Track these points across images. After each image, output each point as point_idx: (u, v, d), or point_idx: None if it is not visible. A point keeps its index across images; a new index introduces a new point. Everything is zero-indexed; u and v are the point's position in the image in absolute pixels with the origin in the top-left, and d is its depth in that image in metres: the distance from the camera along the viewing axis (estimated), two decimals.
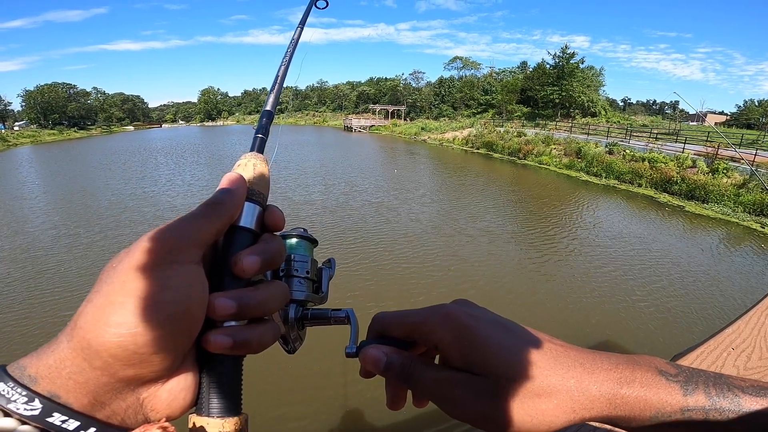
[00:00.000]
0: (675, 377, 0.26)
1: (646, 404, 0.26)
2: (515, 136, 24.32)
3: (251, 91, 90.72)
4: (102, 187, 13.83)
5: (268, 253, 0.27)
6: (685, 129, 26.32)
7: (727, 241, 8.80)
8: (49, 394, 0.20)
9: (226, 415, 0.25)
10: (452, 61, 53.88)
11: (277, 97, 0.39)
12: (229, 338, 0.25)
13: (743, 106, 46.47)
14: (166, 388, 0.24)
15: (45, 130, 52.17)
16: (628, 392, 0.26)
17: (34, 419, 0.20)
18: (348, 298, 5.28)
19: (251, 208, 0.28)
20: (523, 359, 0.27)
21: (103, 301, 0.22)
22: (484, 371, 0.27)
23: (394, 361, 0.30)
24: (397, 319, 0.31)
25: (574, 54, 36.00)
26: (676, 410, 0.25)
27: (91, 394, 0.21)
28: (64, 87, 58.63)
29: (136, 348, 0.21)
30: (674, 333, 4.83)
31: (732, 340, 1.10)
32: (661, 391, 0.26)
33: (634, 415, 0.26)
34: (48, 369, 0.21)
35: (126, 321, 0.21)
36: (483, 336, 0.27)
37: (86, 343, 0.21)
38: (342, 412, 3.52)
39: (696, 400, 0.25)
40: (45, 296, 5.55)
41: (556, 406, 0.26)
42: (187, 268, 0.23)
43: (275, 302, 0.28)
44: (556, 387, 0.26)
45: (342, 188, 13.08)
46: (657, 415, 0.26)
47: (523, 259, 7.17)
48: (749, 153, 14.83)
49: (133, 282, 0.22)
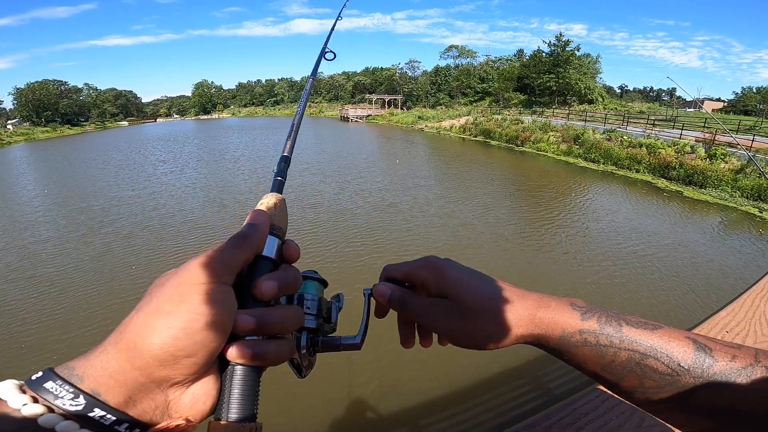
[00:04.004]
0: (580, 308, 0.36)
1: (555, 324, 0.35)
2: (513, 124, 24.20)
3: (246, 84, 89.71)
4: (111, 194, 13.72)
5: (284, 279, 0.32)
6: (683, 115, 26.21)
7: (725, 226, 8.83)
8: (92, 391, 0.24)
9: (244, 420, 0.28)
10: (448, 49, 53.32)
11: (293, 143, 0.43)
12: (249, 349, 0.28)
13: (741, 93, 46.19)
14: (190, 392, 0.28)
15: (38, 127, 51.63)
16: (543, 314, 0.36)
17: (77, 414, 0.23)
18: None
19: (272, 240, 0.33)
20: (475, 289, 0.38)
21: (152, 310, 0.26)
22: (450, 296, 0.38)
23: (394, 293, 0.41)
24: (398, 267, 0.42)
25: (570, 42, 35.73)
26: (575, 331, 0.35)
27: (127, 392, 0.25)
28: (55, 84, 57.76)
29: (174, 350, 0.25)
30: (669, 316, 4.88)
31: (726, 322, 1.10)
32: (566, 315, 0.35)
33: (548, 333, 0.35)
34: (93, 369, 0.25)
35: (170, 326, 0.25)
36: (449, 274, 0.39)
37: (132, 345, 0.25)
38: (347, 403, 3.57)
39: (589, 325, 0.34)
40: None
41: (496, 321, 0.36)
42: (223, 288, 0.28)
43: (290, 322, 0.32)
44: (495, 306, 0.37)
45: (351, 181, 13.01)
46: (563, 335, 0.35)
47: (522, 240, 7.20)
48: (747, 139, 14.80)
49: (180, 296, 0.26)
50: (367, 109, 50.03)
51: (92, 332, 4.68)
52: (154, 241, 7.74)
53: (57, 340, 4.55)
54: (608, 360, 0.34)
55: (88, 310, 5.22)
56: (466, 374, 3.68)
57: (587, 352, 0.34)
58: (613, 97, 45.13)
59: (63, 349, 4.34)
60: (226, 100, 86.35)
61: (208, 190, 12.13)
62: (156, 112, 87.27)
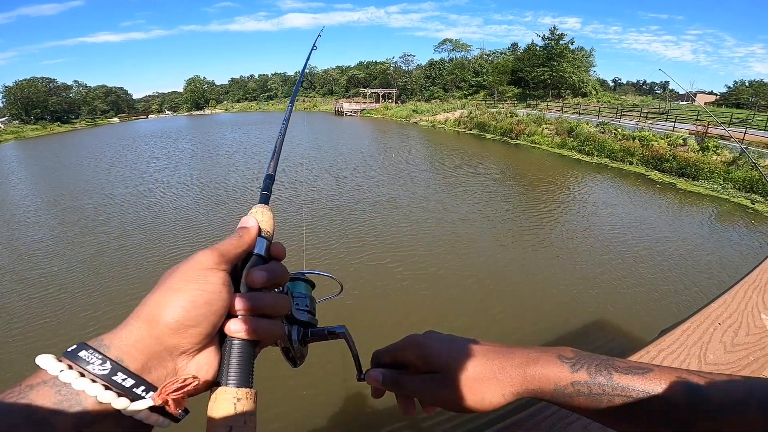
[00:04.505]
0: (569, 360, 0.37)
1: (547, 379, 0.36)
2: (507, 117, 24.19)
3: (238, 79, 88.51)
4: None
5: (273, 272, 0.38)
6: (675, 108, 26.32)
7: (718, 217, 8.92)
8: (116, 358, 0.29)
9: (240, 386, 0.32)
10: (442, 43, 52.98)
11: (277, 162, 0.50)
12: (244, 325, 0.34)
13: (733, 86, 46.36)
14: (195, 361, 0.33)
15: (28, 125, 50.79)
16: (534, 370, 0.37)
17: (103, 377, 0.28)
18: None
19: (261, 241, 0.40)
20: (462, 359, 0.40)
21: (166, 288, 0.32)
22: (438, 369, 0.40)
23: (387, 376, 0.44)
24: (385, 351, 0.45)
25: (564, 35, 35.67)
26: (567, 384, 0.36)
27: (144, 359, 0.30)
28: (43, 81, 56.62)
29: (183, 320, 0.31)
30: (662, 305, 4.94)
31: (719, 314, 1.10)
32: (556, 369, 0.36)
33: (541, 387, 0.37)
34: (119, 339, 0.30)
35: (179, 300, 0.31)
36: (434, 347, 0.42)
37: (150, 316, 0.31)
38: (342, 402, 3.58)
39: (580, 376, 0.36)
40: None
41: (487, 385, 0.38)
42: (221, 274, 0.34)
43: (279, 306, 0.38)
44: (484, 371, 0.38)
45: (348, 176, 12.96)
46: (556, 389, 0.36)
47: (523, 234, 7.23)
48: (739, 131, 14.92)
49: (188, 278, 0.32)
50: (362, 103, 49.72)
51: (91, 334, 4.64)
52: (148, 241, 7.68)
53: (46, 345, 4.51)
54: (604, 406, 0.35)
55: (87, 311, 5.18)
56: None
57: (582, 402, 0.36)
58: (606, 90, 45.19)
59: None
60: (219, 96, 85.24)
61: (202, 187, 11.99)
62: (148, 109, 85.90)
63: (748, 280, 1.30)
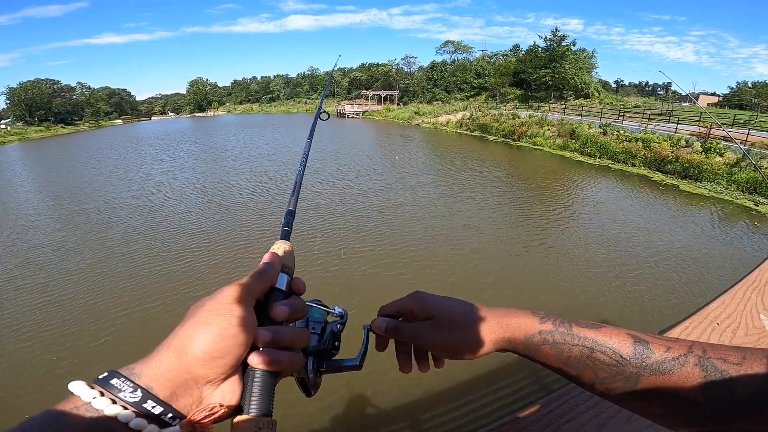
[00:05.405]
0: (538, 314, 0.45)
1: (519, 328, 0.44)
2: (509, 119, 24.17)
3: (241, 81, 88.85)
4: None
5: (294, 306, 0.40)
6: (678, 110, 26.25)
7: (721, 219, 8.88)
8: (147, 386, 0.30)
9: (261, 414, 0.34)
10: (444, 45, 53.10)
11: (297, 197, 0.53)
12: (266, 356, 0.36)
13: (736, 87, 46.10)
14: (219, 390, 0.35)
15: (31, 126, 51.08)
16: (509, 320, 0.45)
17: (134, 404, 0.29)
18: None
19: (283, 276, 0.42)
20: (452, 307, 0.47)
21: (195, 321, 0.34)
22: (434, 316, 0.47)
23: (389, 323, 0.50)
24: (390, 305, 0.52)
25: (566, 37, 35.64)
26: (535, 332, 0.43)
27: (173, 388, 0.31)
28: (47, 83, 56.92)
29: (211, 352, 0.33)
30: (662, 306, 4.93)
31: (717, 314, 1.10)
32: (527, 320, 0.44)
33: (515, 336, 0.44)
34: (149, 368, 0.31)
35: (208, 333, 0.33)
36: (431, 300, 0.49)
37: (181, 347, 0.33)
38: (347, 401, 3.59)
39: (546, 327, 0.43)
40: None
41: (473, 330, 0.45)
42: (247, 309, 0.36)
43: (299, 339, 0.40)
44: (470, 318, 0.46)
45: (353, 180, 12.96)
46: (527, 336, 0.43)
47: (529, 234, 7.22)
48: (742, 133, 14.86)
49: (215, 312, 0.34)
50: (364, 104, 49.81)
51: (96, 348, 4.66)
52: (155, 247, 7.71)
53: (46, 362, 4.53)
54: (566, 356, 0.41)
55: (93, 323, 5.21)
56: (467, 369, 3.71)
57: (548, 350, 0.42)
58: (609, 91, 45.10)
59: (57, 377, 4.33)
60: (222, 98, 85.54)
61: (206, 191, 11.91)
62: (151, 111, 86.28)
63: (747, 281, 1.30)
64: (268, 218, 8.75)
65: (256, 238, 7.56)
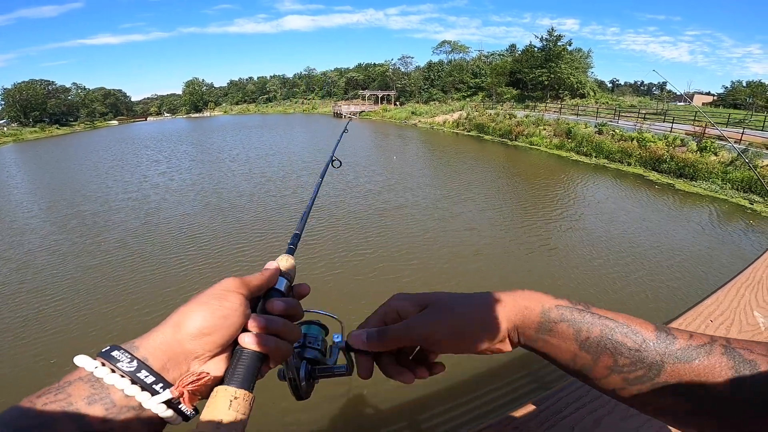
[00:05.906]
0: (550, 294, 0.41)
1: (533, 299, 0.40)
2: (506, 118, 24.24)
3: (237, 81, 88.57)
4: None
5: (290, 304, 0.43)
6: (673, 109, 26.43)
7: (716, 218, 8.95)
8: (143, 357, 0.34)
9: (240, 387, 0.36)
10: (441, 45, 53.20)
11: (304, 225, 0.56)
12: (255, 338, 0.38)
13: (730, 87, 46.43)
14: (206, 366, 0.38)
15: (26, 128, 50.76)
16: (521, 294, 0.41)
17: (130, 374, 0.32)
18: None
19: (282, 280, 0.45)
20: (448, 294, 0.43)
21: (194, 302, 0.38)
22: (432, 302, 0.42)
23: (370, 332, 0.44)
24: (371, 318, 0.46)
25: (561, 37, 35.84)
26: (552, 306, 0.39)
27: (165, 360, 0.35)
28: (42, 84, 56.59)
29: (202, 328, 0.36)
30: (655, 303, 4.96)
31: (711, 311, 1.10)
32: (542, 297, 0.40)
33: (530, 309, 0.39)
34: (147, 341, 0.35)
35: (202, 312, 0.37)
36: (419, 293, 0.45)
37: (177, 322, 0.37)
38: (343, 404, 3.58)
39: (563, 302, 0.39)
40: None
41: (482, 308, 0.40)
42: (240, 297, 0.40)
43: (289, 330, 0.41)
44: (473, 299, 0.41)
45: (352, 181, 12.95)
46: (543, 310, 0.39)
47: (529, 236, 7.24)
48: (736, 132, 14.97)
49: (212, 296, 0.39)
50: (361, 105, 49.83)
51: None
52: (152, 251, 7.68)
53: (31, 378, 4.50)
54: (584, 335, 0.37)
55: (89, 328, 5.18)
56: (462, 367, 3.72)
57: (565, 329, 0.37)
58: (604, 91, 45.32)
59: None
60: (218, 98, 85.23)
61: (204, 194, 11.82)
62: (146, 111, 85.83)
63: (741, 278, 1.31)
64: (267, 221, 8.69)
65: (256, 241, 7.52)
